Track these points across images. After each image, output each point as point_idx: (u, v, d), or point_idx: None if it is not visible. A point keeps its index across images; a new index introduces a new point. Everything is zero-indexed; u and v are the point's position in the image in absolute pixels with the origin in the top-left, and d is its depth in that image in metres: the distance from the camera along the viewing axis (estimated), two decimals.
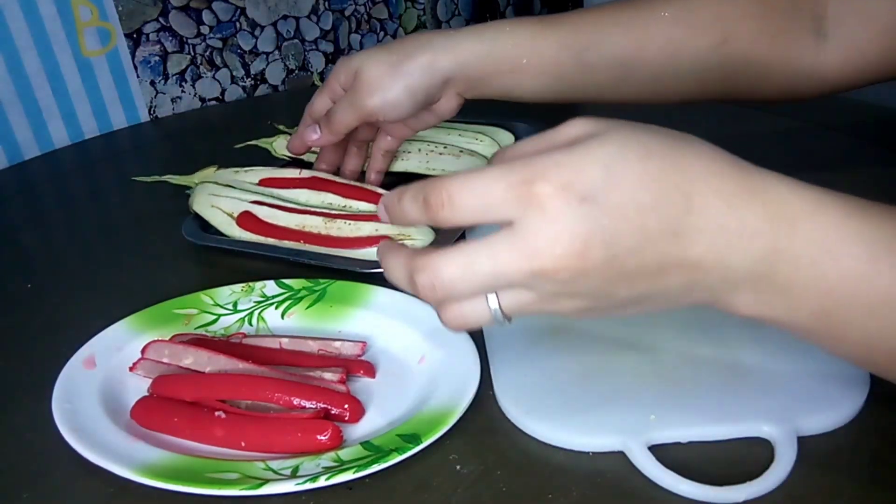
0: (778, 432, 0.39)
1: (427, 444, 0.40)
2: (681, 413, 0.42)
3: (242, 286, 0.55)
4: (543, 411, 0.43)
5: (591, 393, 0.44)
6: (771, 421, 0.40)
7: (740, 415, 0.41)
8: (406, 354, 0.48)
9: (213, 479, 0.39)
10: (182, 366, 0.47)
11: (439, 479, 0.40)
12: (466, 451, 0.41)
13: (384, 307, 0.51)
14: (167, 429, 0.43)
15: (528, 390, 0.44)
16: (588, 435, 0.41)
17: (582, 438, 0.41)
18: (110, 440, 0.42)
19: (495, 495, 0.39)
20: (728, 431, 0.41)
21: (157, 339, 0.49)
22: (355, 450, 0.40)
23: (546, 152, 0.33)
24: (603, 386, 0.44)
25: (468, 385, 0.44)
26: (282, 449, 0.42)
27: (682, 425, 0.41)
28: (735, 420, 0.41)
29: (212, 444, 0.42)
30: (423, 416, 0.42)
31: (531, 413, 0.42)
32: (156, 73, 0.97)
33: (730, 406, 0.42)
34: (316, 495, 0.39)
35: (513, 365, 0.46)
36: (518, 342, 0.48)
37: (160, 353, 0.47)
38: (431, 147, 0.72)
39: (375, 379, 0.47)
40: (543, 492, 0.39)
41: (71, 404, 0.44)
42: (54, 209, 0.78)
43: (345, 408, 0.43)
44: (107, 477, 0.40)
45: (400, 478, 0.40)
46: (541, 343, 0.48)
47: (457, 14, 1.28)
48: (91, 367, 0.47)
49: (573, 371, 0.45)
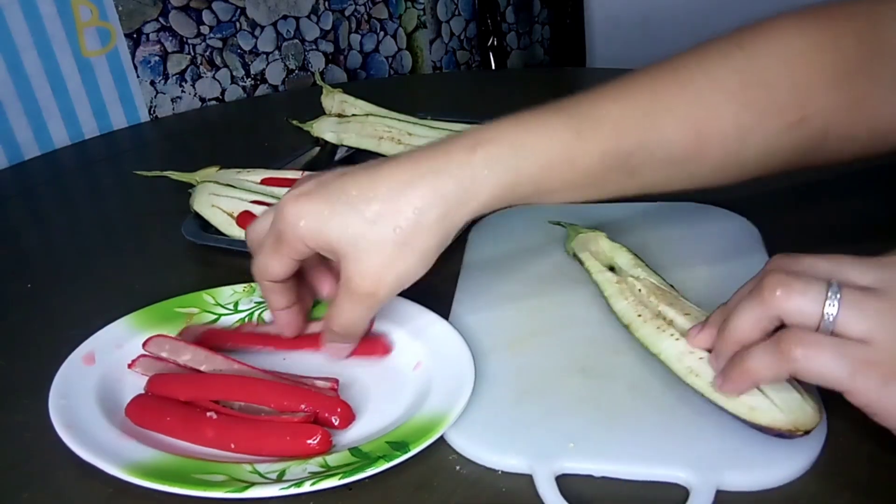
0: (696, 480, 0.37)
1: (415, 452, 0.40)
2: (602, 445, 0.40)
3: (244, 286, 0.55)
4: (468, 426, 0.42)
5: (523, 412, 0.43)
6: (690, 467, 0.38)
7: (662, 457, 0.39)
8: (402, 360, 0.48)
9: (199, 481, 0.39)
10: (180, 363, 0.47)
11: (439, 479, 0.40)
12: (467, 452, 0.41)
13: (382, 312, 0.51)
14: (160, 428, 0.43)
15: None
16: (499, 454, 0.40)
17: (492, 456, 0.40)
18: (103, 438, 0.42)
19: (495, 495, 0.39)
20: (644, 472, 0.38)
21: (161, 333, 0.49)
22: (343, 455, 0.40)
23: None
24: (536, 406, 0.43)
25: (461, 393, 0.43)
26: (271, 452, 0.42)
27: (599, 458, 0.39)
28: (655, 461, 0.39)
29: (202, 445, 0.42)
30: (414, 423, 0.42)
31: (455, 426, 0.42)
32: (156, 73, 0.97)
33: (655, 446, 0.39)
34: (316, 495, 0.39)
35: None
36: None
37: (161, 347, 0.48)
38: None
39: (369, 385, 0.47)
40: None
41: (66, 400, 0.44)
42: (54, 209, 0.78)
43: (337, 412, 0.43)
44: (105, 477, 0.40)
45: (400, 478, 0.40)
46: (495, 356, 0.47)
47: (457, 14, 1.28)
48: (90, 364, 0.47)
49: (514, 388, 0.44)
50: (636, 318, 0.46)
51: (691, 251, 0.56)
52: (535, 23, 1.41)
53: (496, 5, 1.30)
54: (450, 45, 1.29)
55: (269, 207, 0.49)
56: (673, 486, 0.38)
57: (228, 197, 0.64)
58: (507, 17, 1.35)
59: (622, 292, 0.49)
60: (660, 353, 0.44)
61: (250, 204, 0.63)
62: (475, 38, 1.32)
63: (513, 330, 0.50)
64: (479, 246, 0.60)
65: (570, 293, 0.53)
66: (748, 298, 0.38)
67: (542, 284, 0.54)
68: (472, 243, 0.60)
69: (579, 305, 0.51)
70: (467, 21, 1.30)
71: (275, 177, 0.67)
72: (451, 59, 1.30)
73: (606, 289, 0.50)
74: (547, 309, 0.51)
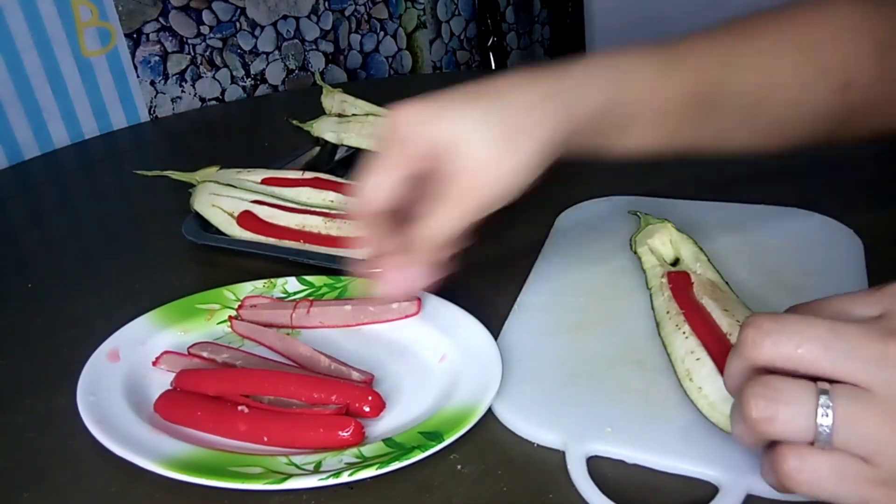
0: (726, 480, 0.37)
1: (449, 442, 0.40)
2: (639, 434, 0.40)
3: (264, 282, 0.55)
4: (514, 397, 0.43)
5: (570, 393, 0.44)
6: (723, 467, 0.38)
7: (696, 453, 0.39)
8: (427, 353, 0.48)
9: (236, 473, 0.39)
10: (218, 360, 0.47)
11: (440, 479, 0.40)
12: (467, 451, 0.41)
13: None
14: (190, 422, 0.43)
15: (514, 381, 0.45)
16: (536, 426, 0.42)
17: (530, 428, 0.42)
18: (134, 432, 0.42)
19: (496, 495, 0.39)
20: (676, 466, 0.39)
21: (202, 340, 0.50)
22: (377, 446, 0.41)
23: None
24: (584, 389, 0.44)
25: (490, 383, 0.43)
26: (304, 444, 0.42)
27: (633, 445, 0.40)
28: (689, 456, 0.39)
29: (235, 439, 0.42)
30: (446, 413, 0.42)
31: (501, 396, 0.43)
32: (156, 73, 0.97)
33: (692, 442, 0.40)
34: (316, 495, 0.39)
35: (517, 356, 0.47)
36: (527, 339, 0.48)
37: (203, 349, 0.48)
38: None
39: (397, 378, 0.47)
40: (544, 491, 0.39)
41: (95, 396, 0.44)
42: (54, 209, 0.78)
43: (368, 400, 0.43)
44: (109, 476, 0.40)
45: (401, 478, 0.40)
46: (557, 338, 0.48)
47: (457, 14, 1.28)
48: (115, 360, 0.47)
49: (567, 370, 0.45)
50: (665, 316, 0.47)
51: (783, 256, 0.54)
52: (535, 23, 1.42)
53: (496, 5, 1.30)
54: (450, 45, 1.29)
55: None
56: (702, 482, 0.38)
57: (229, 197, 0.64)
58: (507, 17, 1.35)
59: (662, 288, 0.49)
60: (672, 352, 0.44)
61: (250, 204, 0.63)
62: (475, 38, 1.32)
63: (578, 316, 0.50)
64: (561, 235, 0.61)
65: (640, 286, 0.53)
66: (733, 412, 0.33)
67: (615, 276, 0.54)
68: (556, 233, 0.61)
69: (646, 299, 0.51)
70: (467, 21, 1.30)
71: (275, 177, 0.67)
72: (451, 59, 1.30)
73: (651, 283, 0.51)
74: (614, 299, 0.52)
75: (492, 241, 0.53)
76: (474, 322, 0.49)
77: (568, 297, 0.52)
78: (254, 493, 0.38)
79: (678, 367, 0.43)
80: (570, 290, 0.53)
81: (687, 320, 0.45)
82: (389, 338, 0.50)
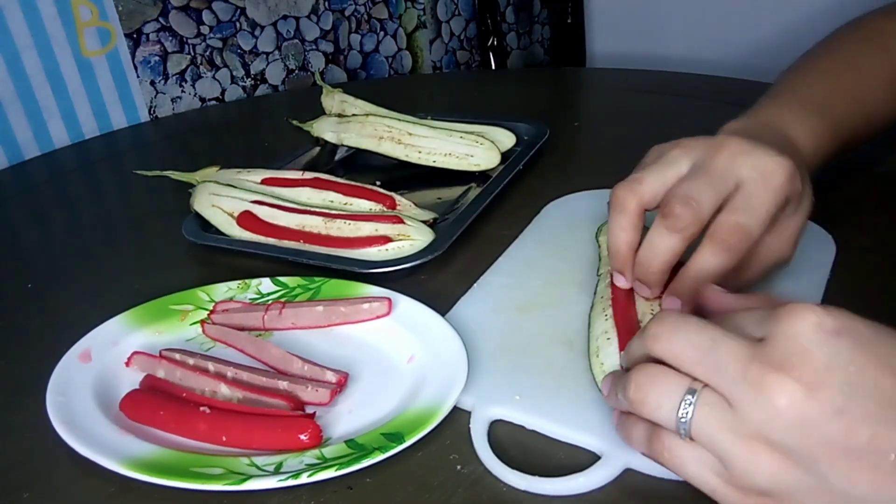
0: (608, 451, 0.39)
1: (410, 443, 0.40)
2: (542, 404, 0.43)
3: (238, 283, 0.55)
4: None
5: (495, 364, 0.46)
6: (606, 438, 0.40)
7: (588, 425, 0.41)
8: (396, 354, 0.48)
9: (197, 474, 0.39)
10: (189, 364, 0.47)
11: (440, 479, 0.40)
12: (467, 451, 0.41)
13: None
14: (154, 422, 0.43)
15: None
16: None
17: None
18: (100, 433, 0.42)
19: (496, 495, 0.39)
20: (566, 434, 0.41)
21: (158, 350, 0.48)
22: (339, 448, 0.41)
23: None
24: (510, 362, 0.46)
25: (454, 386, 0.44)
26: (262, 446, 0.42)
27: (534, 413, 0.42)
28: (580, 427, 0.41)
29: (195, 439, 0.42)
30: (408, 415, 0.42)
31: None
32: (156, 73, 0.97)
33: (587, 416, 0.42)
34: (316, 494, 0.39)
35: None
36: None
37: (173, 353, 0.48)
38: (433, 159, 0.71)
39: (366, 379, 0.47)
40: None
41: (64, 397, 0.44)
42: (54, 209, 0.78)
43: (307, 431, 0.42)
44: (105, 477, 0.40)
45: (400, 478, 0.40)
46: (503, 315, 0.50)
47: (457, 14, 1.28)
48: (87, 361, 0.48)
49: (501, 343, 0.48)
50: (599, 300, 0.49)
51: None
52: (535, 23, 1.42)
53: (496, 5, 1.30)
54: (450, 45, 1.29)
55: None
56: (587, 451, 0.41)
57: (229, 197, 0.64)
58: (507, 17, 1.35)
59: (607, 275, 0.50)
60: (591, 332, 0.46)
61: (250, 204, 0.63)
62: (475, 38, 1.32)
63: (528, 296, 0.52)
64: (541, 224, 0.62)
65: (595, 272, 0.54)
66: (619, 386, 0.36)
67: (579, 263, 0.56)
68: (537, 221, 0.62)
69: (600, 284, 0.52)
70: (467, 21, 1.30)
71: (275, 177, 0.67)
72: (451, 59, 1.30)
73: (602, 270, 0.52)
74: (568, 285, 0.53)
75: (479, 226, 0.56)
76: (443, 323, 0.49)
77: (526, 279, 0.55)
78: (215, 493, 0.38)
79: (591, 345, 0.45)
80: (531, 273, 0.55)
81: (612, 305, 0.47)
82: (360, 339, 0.50)
